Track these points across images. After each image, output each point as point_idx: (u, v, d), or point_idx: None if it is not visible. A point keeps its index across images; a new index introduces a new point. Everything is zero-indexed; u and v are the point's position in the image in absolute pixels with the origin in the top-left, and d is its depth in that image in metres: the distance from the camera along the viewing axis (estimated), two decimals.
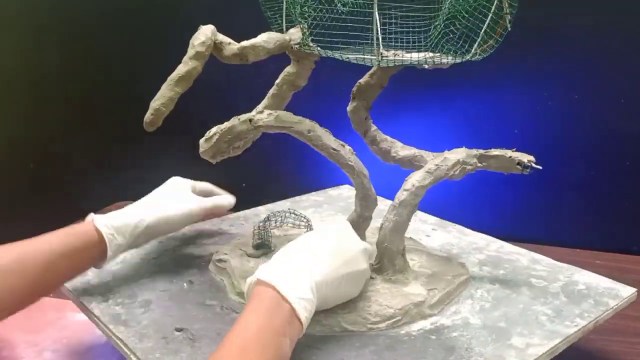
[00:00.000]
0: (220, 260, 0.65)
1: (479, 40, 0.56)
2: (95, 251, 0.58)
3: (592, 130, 0.91)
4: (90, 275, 0.63)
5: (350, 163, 0.59)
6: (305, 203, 0.88)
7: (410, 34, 0.58)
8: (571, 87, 0.90)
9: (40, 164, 1.19)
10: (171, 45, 1.09)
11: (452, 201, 0.99)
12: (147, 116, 0.56)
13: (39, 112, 1.18)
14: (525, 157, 0.59)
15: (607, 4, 0.86)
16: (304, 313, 0.46)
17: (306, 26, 0.57)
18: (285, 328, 0.44)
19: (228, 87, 1.05)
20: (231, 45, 0.55)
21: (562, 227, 0.95)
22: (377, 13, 0.54)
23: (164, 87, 0.56)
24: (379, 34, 0.55)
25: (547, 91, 0.91)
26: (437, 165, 0.58)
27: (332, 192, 0.94)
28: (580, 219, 0.95)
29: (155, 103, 0.55)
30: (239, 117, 0.57)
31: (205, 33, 0.54)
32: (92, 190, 1.19)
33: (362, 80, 0.65)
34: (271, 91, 0.63)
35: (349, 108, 0.66)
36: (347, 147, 0.60)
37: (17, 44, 1.13)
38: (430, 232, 0.79)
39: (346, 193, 0.94)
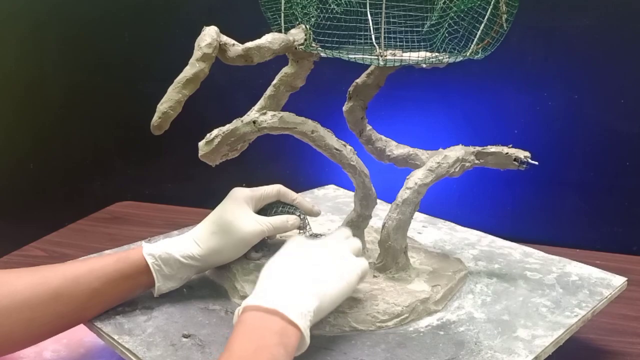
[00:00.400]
0: (222, 266, 0.64)
1: (475, 39, 0.56)
2: (144, 279, 0.56)
3: (592, 131, 0.91)
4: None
5: (352, 163, 0.60)
6: None
7: (409, 34, 0.58)
8: (571, 87, 0.90)
9: (40, 164, 1.20)
10: (171, 45, 1.10)
11: (451, 201, 0.99)
12: (155, 119, 0.54)
13: (39, 113, 1.18)
14: (522, 153, 0.60)
15: (607, 4, 0.86)
16: (299, 318, 0.44)
17: (308, 26, 0.57)
18: (276, 338, 0.43)
19: (228, 87, 1.05)
20: (235, 47, 0.54)
21: (561, 227, 0.95)
22: (369, 13, 0.54)
23: (170, 89, 0.54)
24: (382, 34, 0.55)
25: (547, 91, 0.91)
26: (438, 163, 0.59)
27: (319, 192, 0.94)
28: (580, 218, 0.95)
29: (162, 106, 0.54)
30: (241, 118, 0.56)
31: (211, 34, 0.53)
32: (92, 191, 1.19)
33: (359, 80, 0.65)
34: (268, 92, 0.62)
35: (345, 108, 0.66)
36: (349, 147, 0.60)
37: (17, 44, 1.13)
38: (421, 229, 0.79)
39: (332, 193, 0.94)
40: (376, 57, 0.56)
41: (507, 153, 0.60)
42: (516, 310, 0.58)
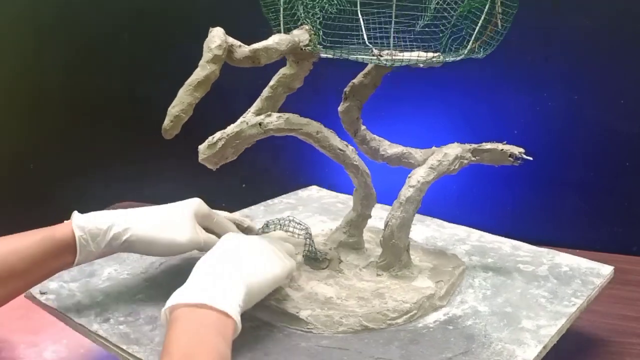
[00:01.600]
0: None
1: (472, 38, 0.56)
2: (70, 257, 0.54)
3: (591, 131, 0.91)
4: (79, 295, 0.59)
5: (355, 163, 0.61)
6: (280, 206, 0.87)
7: (406, 34, 0.58)
8: (571, 87, 0.90)
9: (40, 165, 1.20)
10: (171, 46, 1.10)
11: (451, 201, 0.99)
12: (166, 123, 0.54)
13: (39, 113, 1.18)
14: (516, 149, 0.62)
15: (607, 5, 0.86)
16: (228, 307, 0.44)
17: (314, 26, 0.57)
18: (211, 330, 0.42)
19: (227, 87, 1.05)
20: (242, 48, 0.54)
21: (561, 227, 0.95)
22: (360, 12, 0.54)
23: (181, 92, 0.54)
24: (392, 34, 0.55)
25: (547, 91, 0.91)
26: (439, 160, 0.60)
27: (302, 193, 0.94)
28: (579, 219, 0.95)
29: (173, 109, 0.54)
30: (245, 120, 0.56)
31: (219, 35, 0.53)
32: (92, 191, 1.19)
33: (355, 81, 0.65)
34: (265, 93, 0.61)
35: (341, 108, 0.66)
36: (351, 147, 0.61)
37: (18, 45, 1.13)
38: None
39: (316, 194, 0.94)
40: (377, 57, 0.56)
41: (502, 150, 0.62)
42: (517, 302, 0.60)
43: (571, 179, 0.94)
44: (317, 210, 0.86)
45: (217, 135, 0.56)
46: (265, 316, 0.56)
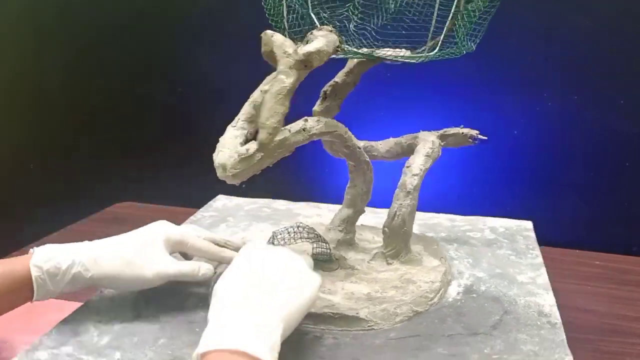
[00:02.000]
0: None
1: (448, 39, 0.57)
2: (29, 293, 0.51)
3: (591, 131, 0.91)
4: (90, 358, 0.51)
5: (367, 159, 0.64)
6: (207, 220, 0.85)
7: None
8: (571, 88, 0.90)
9: (40, 165, 1.20)
10: (172, 47, 1.10)
11: (451, 200, 0.99)
12: (265, 137, 0.50)
13: (39, 113, 1.18)
14: (474, 132, 0.68)
15: (607, 5, 0.86)
16: (268, 354, 0.40)
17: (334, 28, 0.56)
18: None
19: (228, 88, 1.05)
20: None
21: (561, 227, 0.95)
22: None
23: (272, 102, 0.50)
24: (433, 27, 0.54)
25: (547, 92, 0.91)
26: (431, 148, 0.64)
27: (216, 204, 0.92)
28: (579, 219, 0.95)
29: (270, 121, 0.50)
30: (286, 128, 0.53)
31: (288, 39, 0.51)
32: (92, 191, 1.19)
33: (338, 79, 0.64)
34: (259, 99, 0.57)
35: (318, 108, 0.64)
36: (361, 145, 0.64)
37: (18, 45, 1.13)
38: (362, 218, 0.79)
39: (230, 203, 0.92)
40: (422, 55, 0.58)
41: (463, 133, 0.67)
42: (498, 263, 0.69)
43: (571, 179, 0.94)
44: (250, 218, 0.85)
45: (252, 147, 0.51)
46: (317, 324, 0.55)
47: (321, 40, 0.52)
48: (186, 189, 1.13)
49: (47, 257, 0.51)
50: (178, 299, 0.59)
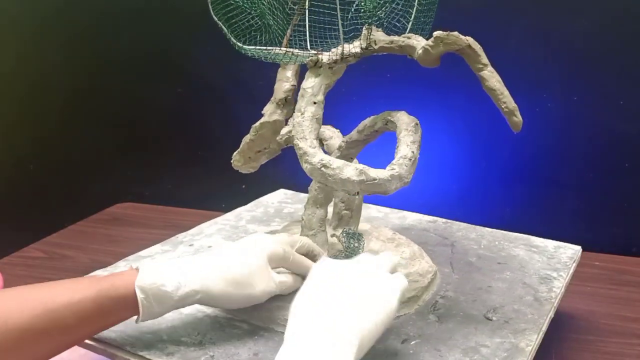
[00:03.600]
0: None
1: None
2: (127, 314, 0.49)
3: (591, 132, 0.91)
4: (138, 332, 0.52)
5: None
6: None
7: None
8: (570, 88, 0.90)
9: (40, 165, 1.20)
10: (172, 47, 1.10)
11: (451, 201, 0.99)
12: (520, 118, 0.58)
13: (39, 114, 1.18)
14: None
15: (607, 5, 0.86)
16: None
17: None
18: None
19: (228, 89, 1.05)
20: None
21: (561, 228, 0.95)
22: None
23: (505, 88, 0.57)
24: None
25: (546, 92, 0.91)
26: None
27: (268, 199, 0.90)
28: (579, 219, 0.95)
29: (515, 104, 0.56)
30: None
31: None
32: (92, 192, 1.19)
33: (295, 83, 0.62)
34: (317, 113, 0.56)
35: (277, 117, 0.61)
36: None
37: (18, 45, 1.13)
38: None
39: (284, 197, 0.90)
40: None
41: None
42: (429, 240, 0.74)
43: (570, 180, 0.94)
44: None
45: (414, 148, 0.54)
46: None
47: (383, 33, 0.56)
48: (186, 190, 1.14)
49: (152, 279, 0.48)
50: (227, 330, 0.56)
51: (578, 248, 0.71)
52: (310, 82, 0.56)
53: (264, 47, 0.57)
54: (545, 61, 0.90)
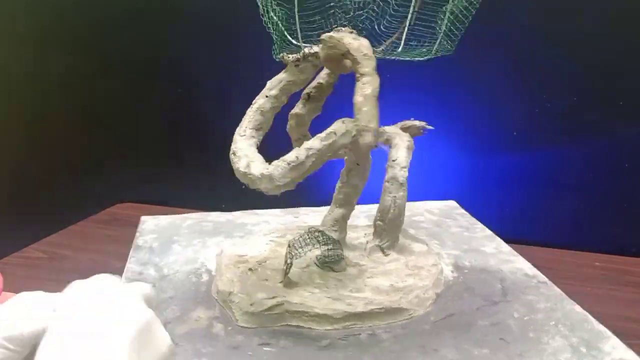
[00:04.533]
0: (272, 307, 0.55)
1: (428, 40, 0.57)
2: None
3: (590, 132, 0.91)
4: None
5: (370, 158, 0.64)
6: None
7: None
8: (570, 89, 0.90)
9: (40, 166, 1.20)
10: (172, 47, 1.10)
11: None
12: (371, 139, 0.51)
13: (38, 114, 1.18)
14: (423, 123, 0.71)
15: (607, 6, 0.86)
16: None
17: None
18: None
19: (227, 89, 1.05)
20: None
21: (560, 228, 0.95)
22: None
23: (370, 107, 0.51)
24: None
25: (546, 93, 0.92)
26: (409, 141, 0.66)
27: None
28: (579, 220, 0.95)
29: (373, 124, 0.51)
30: (333, 131, 0.52)
31: (355, 38, 0.52)
32: (93, 192, 1.19)
33: (322, 80, 0.63)
34: (266, 105, 0.57)
35: (300, 111, 0.63)
36: None
37: (17, 45, 1.13)
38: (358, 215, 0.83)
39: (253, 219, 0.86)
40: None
41: (416, 125, 0.71)
42: (459, 240, 0.75)
43: (570, 180, 0.94)
44: (197, 234, 0.79)
45: (301, 154, 0.50)
46: (364, 322, 0.55)
47: (360, 39, 0.53)
48: (186, 190, 1.14)
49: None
50: (198, 330, 0.55)
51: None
52: (273, 78, 0.59)
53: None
54: (544, 62, 0.90)
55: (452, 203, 0.90)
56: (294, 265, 0.59)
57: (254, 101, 0.58)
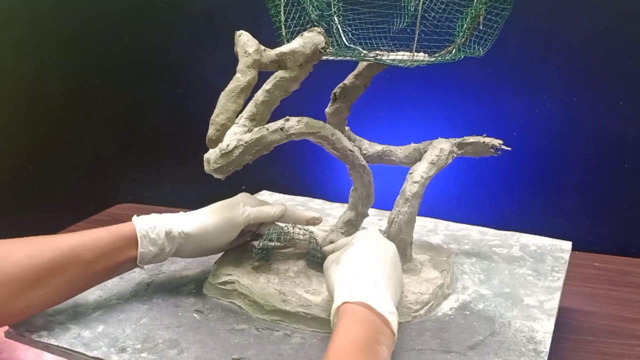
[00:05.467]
0: (225, 283, 0.61)
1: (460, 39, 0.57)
2: (134, 252, 0.57)
3: (590, 133, 0.91)
4: (75, 327, 0.55)
5: (362, 163, 0.62)
6: None
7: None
8: (570, 89, 0.90)
9: (40, 167, 1.20)
10: (171, 47, 1.10)
11: (451, 203, 0.99)
12: (212, 133, 0.53)
13: (38, 115, 1.18)
14: (496, 141, 0.65)
15: (606, 6, 0.86)
16: (395, 324, 0.47)
17: (328, 29, 0.57)
18: (380, 337, 0.45)
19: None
20: (268, 52, 0.52)
21: (560, 228, 0.95)
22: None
23: (224, 100, 0.53)
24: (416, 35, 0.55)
25: (546, 93, 0.92)
26: (437, 155, 0.62)
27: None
28: (578, 220, 0.95)
29: (218, 118, 0.52)
30: (265, 127, 0.54)
31: (254, 40, 0.52)
32: (92, 193, 1.19)
33: (347, 82, 0.65)
34: (260, 97, 0.59)
35: (329, 110, 0.65)
36: (356, 148, 0.62)
37: (17, 45, 1.13)
38: (377, 222, 0.80)
39: (271, 199, 0.89)
40: (407, 59, 0.58)
41: (484, 142, 0.65)
42: (511, 282, 0.64)
43: (570, 181, 0.94)
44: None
45: (232, 143, 0.53)
46: (291, 322, 0.56)
47: (298, 41, 0.54)
48: (186, 191, 1.14)
49: (148, 223, 0.59)
50: (175, 285, 0.64)
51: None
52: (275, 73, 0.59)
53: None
54: (544, 62, 0.90)
55: (564, 244, 0.75)
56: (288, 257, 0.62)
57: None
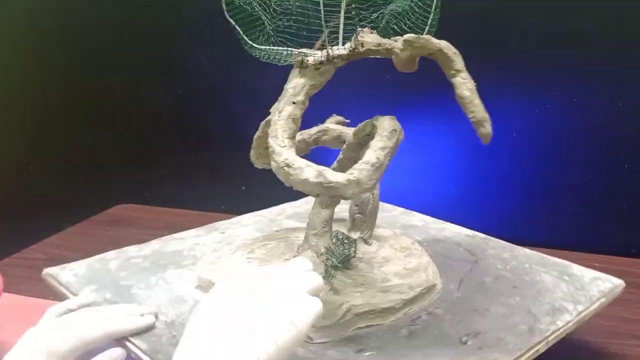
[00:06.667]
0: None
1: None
2: None
3: (590, 133, 0.91)
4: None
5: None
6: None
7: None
8: (570, 90, 0.90)
9: (40, 167, 1.20)
10: (172, 48, 1.10)
11: (451, 203, 0.99)
12: (490, 129, 0.56)
13: (39, 115, 1.18)
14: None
15: (606, 7, 0.86)
16: None
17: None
18: None
19: (228, 91, 1.05)
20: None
21: (560, 229, 0.95)
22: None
23: (477, 98, 0.57)
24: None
25: (546, 94, 0.92)
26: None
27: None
28: (578, 221, 0.95)
29: (487, 114, 0.56)
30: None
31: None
32: (93, 193, 1.19)
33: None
34: (295, 112, 0.55)
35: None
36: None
37: (17, 46, 1.14)
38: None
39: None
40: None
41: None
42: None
43: (570, 181, 0.94)
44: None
45: (380, 154, 0.52)
46: (412, 307, 0.57)
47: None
48: (186, 191, 1.14)
49: None
50: None
51: (619, 282, 0.63)
52: (293, 83, 0.56)
53: (277, 48, 0.57)
54: (544, 63, 0.91)
55: (614, 283, 0.65)
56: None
57: (278, 108, 0.55)
